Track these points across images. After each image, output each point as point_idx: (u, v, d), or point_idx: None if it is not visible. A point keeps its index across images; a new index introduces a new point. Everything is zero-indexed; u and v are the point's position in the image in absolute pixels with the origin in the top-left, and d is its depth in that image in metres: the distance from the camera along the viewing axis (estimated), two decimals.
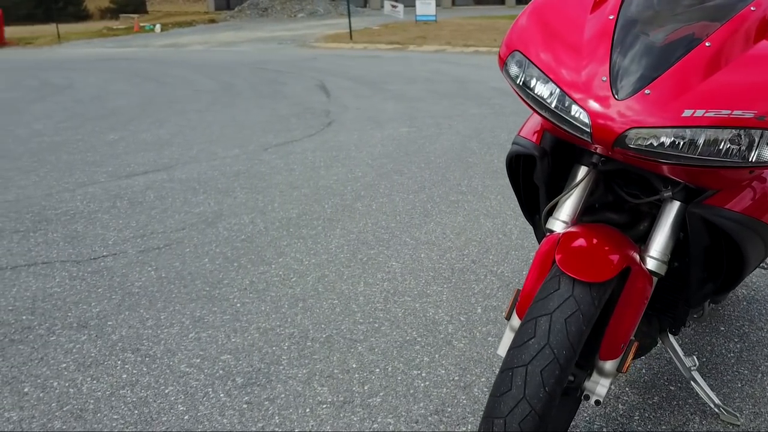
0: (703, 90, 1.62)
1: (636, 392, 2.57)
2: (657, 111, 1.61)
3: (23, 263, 3.82)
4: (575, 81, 1.70)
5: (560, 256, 1.80)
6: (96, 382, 2.65)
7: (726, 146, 1.62)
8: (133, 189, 5.24)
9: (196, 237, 4.19)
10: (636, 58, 1.69)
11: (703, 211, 1.80)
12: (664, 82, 1.64)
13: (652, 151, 1.65)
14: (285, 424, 2.39)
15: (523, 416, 1.69)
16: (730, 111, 1.58)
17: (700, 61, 1.66)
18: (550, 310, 1.74)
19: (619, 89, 1.66)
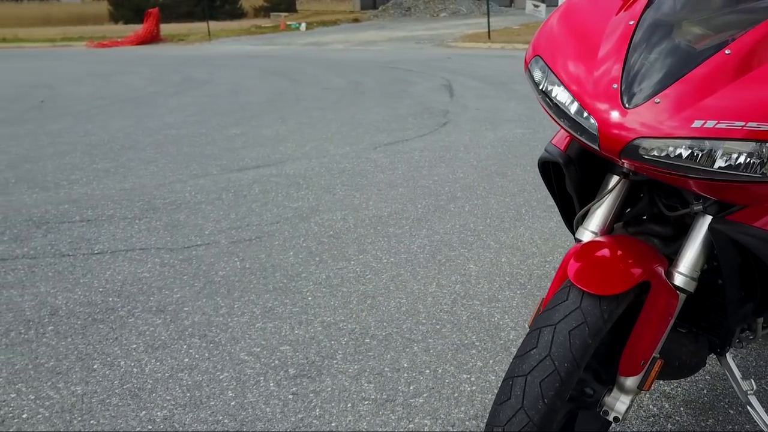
0: (717, 100, 1.55)
1: (691, 413, 2.47)
2: (666, 121, 1.56)
3: (123, 248, 4.06)
4: (587, 88, 1.67)
5: (573, 266, 1.76)
6: (159, 363, 2.79)
7: (742, 159, 1.55)
8: (241, 182, 5.45)
9: (287, 231, 4.32)
10: (650, 66, 1.63)
11: (725, 228, 1.72)
12: (677, 90, 1.58)
13: (664, 162, 1.59)
14: (324, 417, 2.44)
15: (521, 426, 1.68)
16: (744, 123, 1.51)
17: (718, 69, 1.58)
18: (555, 321, 1.71)
19: (629, 97, 1.61)
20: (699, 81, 1.58)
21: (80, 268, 3.76)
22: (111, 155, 6.44)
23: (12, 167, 6.01)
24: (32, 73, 14.35)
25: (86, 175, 5.74)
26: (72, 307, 3.29)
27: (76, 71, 14.73)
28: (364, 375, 2.70)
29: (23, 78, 13.47)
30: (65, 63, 17.15)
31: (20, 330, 3.08)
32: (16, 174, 5.77)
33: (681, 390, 2.60)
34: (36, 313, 3.24)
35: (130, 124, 8.03)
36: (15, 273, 3.71)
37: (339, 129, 7.56)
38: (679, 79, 1.59)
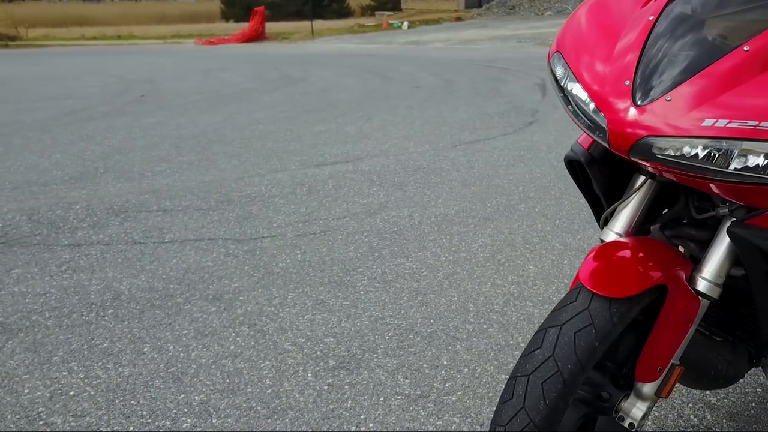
0: (731, 98, 1.48)
1: (733, 425, 2.38)
2: (676, 119, 1.51)
3: (192, 238, 4.19)
4: (601, 85, 1.63)
5: (586, 267, 1.73)
6: (206, 350, 2.88)
7: (759, 161, 1.48)
8: (317, 178, 5.53)
9: (352, 226, 4.36)
10: (665, 62, 1.58)
11: (744, 232, 1.65)
12: (689, 87, 1.52)
13: (679, 162, 1.54)
14: (354, 409, 2.47)
15: (522, 427, 1.66)
16: (757, 122, 1.44)
17: (735, 66, 1.52)
18: (561, 321, 1.68)
19: (641, 95, 1.56)
20: (714, 78, 1.52)
21: (148, 256, 3.90)
22: (198, 148, 6.64)
23: (103, 158, 6.28)
24: (139, 69, 14.93)
25: (171, 166, 5.93)
26: (134, 293, 3.42)
27: (179, 67, 15.24)
28: (401, 370, 2.71)
29: (130, 73, 14.02)
30: (171, 59, 17.77)
31: (82, 312, 3.22)
32: (106, 164, 6.03)
33: (727, 401, 2.50)
34: (99, 297, 3.38)
35: (220, 119, 8.26)
36: (87, 258, 3.88)
37: (422, 127, 7.57)
38: (693, 76, 1.53)
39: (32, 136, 7.31)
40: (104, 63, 16.97)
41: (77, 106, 9.46)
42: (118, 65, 16.14)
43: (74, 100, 10.08)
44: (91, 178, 5.61)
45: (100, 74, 13.94)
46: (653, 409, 2.30)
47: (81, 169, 5.89)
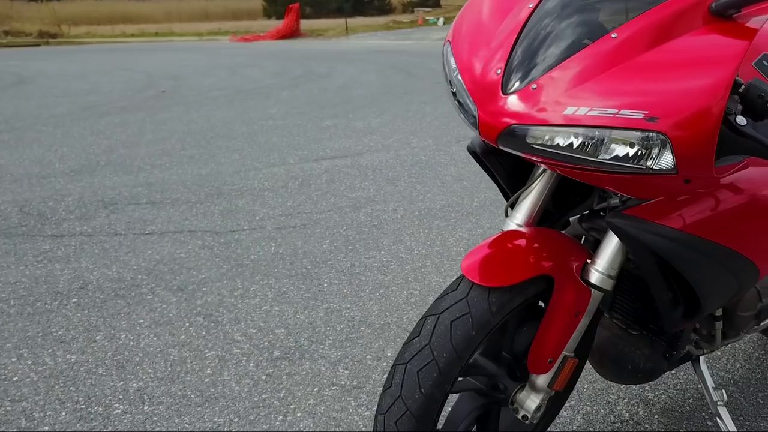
0: (593, 86, 1.46)
1: (664, 421, 2.34)
2: (540, 107, 1.49)
3: (173, 230, 4.23)
4: (475, 75, 1.62)
5: (470, 257, 1.71)
6: (156, 339, 2.91)
7: (626, 150, 1.46)
8: (312, 172, 5.55)
9: (334, 219, 4.37)
10: (534, 50, 1.56)
11: (621, 222, 1.62)
12: (555, 75, 1.50)
13: (551, 152, 1.52)
14: (287, 398, 2.48)
15: (399, 415, 1.66)
16: (616, 110, 1.42)
17: (600, 54, 1.50)
18: (440, 310, 1.67)
19: (509, 83, 1.55)
20: (579, 66, 1.50)
21: (125, 247, 3.95)
22: (202, 143, 6.70)
23: (108, 152, 6.37)
24: (169, 66, 15.10)
25: (171, 160, 6.00)
26: (101, 283, 3.47)
27: (208, 64, 15.38)
28: (344, 361, 2.71)
29: (158, 69, 14.19)
30: (203, 56, 17.94)
31: (46, 301, 3.28)
32: (108, 158, 6.11)
33: (665, 397, 2.46)
34: (67, 286, 3.44)
35: (233, 114, 8.32)
36: (66, 249, 3.95)
37: (431, 122, 7.55)
38: (560, 64, 1.51)
39: (45, 130, 7.45)
40: (136, 59, 17.20)
41: (97, 101, 9.60)
42: (150, 62, 16.34)
43: (96, 95, 10.24)
44: (90, 171, 5.70)
45: (128, 70, 14.13)
46: (586, 404, 2.29)
47: (83, 162, 5.98)
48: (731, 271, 1.71)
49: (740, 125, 1.50)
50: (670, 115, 1.38)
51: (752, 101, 1.52)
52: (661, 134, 1.39)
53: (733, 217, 1.64)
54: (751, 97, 1.52)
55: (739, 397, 2.47)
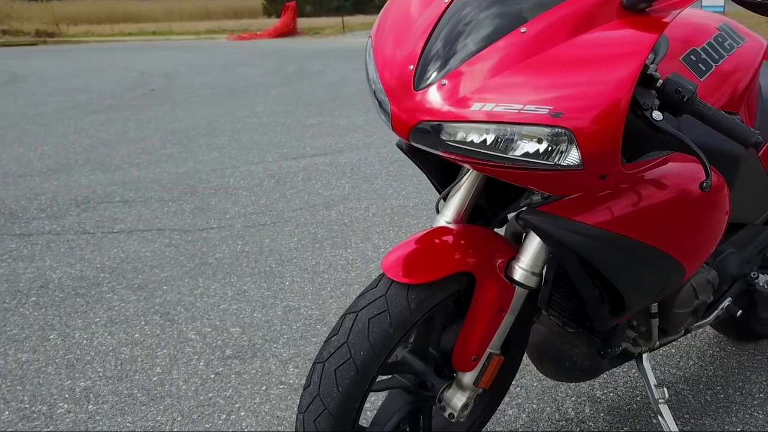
0: (500, 81, 1.44)
1: (609, 419, 2.33)
2: (449, 103, 1.47)
3: (141, 228, 4.22)
4: (390, 71, 1.60)
5: (392, 254, 1.70)
6: (110, 337, 2.90)
7: (536, 147, 1.44)
8: (289, 170, 5.54)
9: (305, 217, 4.36)
10: (446, 46, 1.54)
11: (534, 218, 1.60)
12: (464, 71, 1.48)
13: (466, 149, 1.50)
14: (233, 397, 2.47)
15: (317, 414, 1.65)
16: (522, 106, 1.40)
17: (508, 49, 1.48)
18: (359, 308, 1.66)
19: (421, 79, 1.53)
20: (488, 61, 1.48)
21: (92, 246, 3.94)
22: (184, 141, 6.69)
23: (88, 150, 6.36)
24: (163, 64, 15.08)
25: (150, 159, 5.99)
26: (63, 281, 3.46)
27: (203, 62, 15.36)
28: (295, 360, 2.70)
29: (152, 68, 14.17)
30: (199, 55, 17.93)
31: (5, 299, 3.27)
32: (88, 156, 6.10)
33: (613, 395, 2.45)
34: (28, 285, 3.43)
35: (219, 112, 8.31)
36: (32, 247, 3.94)
37: None
38: (469, 59, 1.50)
39: (29, 129, 7.44)
40: (131, 58, 17.20)
41: (86, 100, 9.60)
42: (144, 60, 16.34)
43: (86, 94, 10.23)
44: (68, 170, 5.69)
45: (122, 69, 14.13)
46: (533, 402, 2.28)
47: (62, 161, 5.98)
48: (654, 268, 1.69)
49: (656, 120, 1.48)
50: (573, 111, 1.37)
51: (669, 96, 1.51)
52: (566, 130, 1.38)
53: (655, 214, 1.63)
54: (668, 93, 1.51)
55: (688, 394, 2.45)
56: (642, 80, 1.51)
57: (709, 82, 1.77)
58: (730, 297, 2.24)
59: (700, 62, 1.78)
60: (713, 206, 1.73)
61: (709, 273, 2.02)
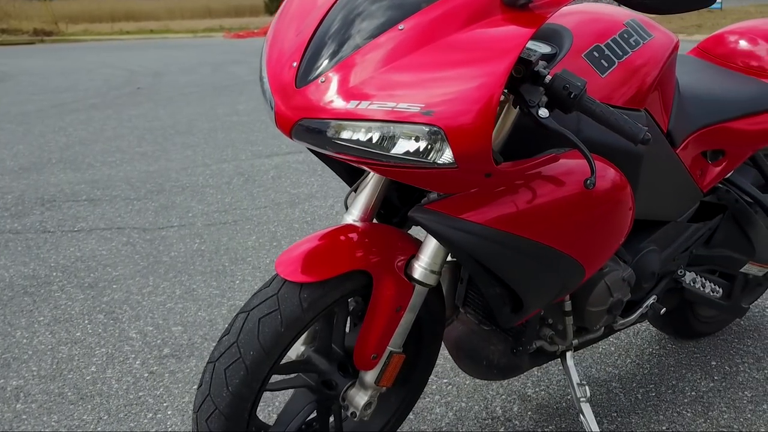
0: (376, 79, 1.43)
1: (536, 418, 2.32)
2: (326, 101, 1.46)
3: (102, 227, 4.22)
4: (277, 68, 1.59)
5: (287, 252, 1.69)
6: (50, 336, 2.89)
7: (408, 145, 1.43)
8: (261, 168, 5.53)
9: (267, 215, 4.35)
10: (326, 43, 1.53)
11: (422, 216, 1.59)
12: (342, 69, 1.47)
13: (350, 147, 1.49)
14: (162, 396, 2.46)
15: (209, 414, 1.64)
16: (395, 103, 1.39)
17: (387, 46, 1.47)
18: (250, 307, 1.65)
19: (302, 77, 1.52)
20: (366, 58, 1.47)
21: (50, 244, 3.93)
22: (160, 140, 6.69)
23: (63, 149, 6.36)
24: (155, 62, 15.06)
25: (123, 157, 5.99)
26: (14, 280, 3.46)
27: (195, 61, 15.35)
28: None
29: (142, 66, 14.16)
30: (192, 53, 17.92)
31: None
32: (62, 155, 6.10)
33: (544, 393, 2.44)
34: None
35: (201, 111, 8.30)
36: None
37: None
38: (348, 56, 1.49)
39: (8, 128, 7.44)
40: (124, 57, 17.19)
41: (70, 98, 9.60)
42: (137, 59, 16.33)
43: (72, 92, 10.23)
44: (39, 168, 5.69)
45: (112, 67, 14.12)
46: (462, 400, 2.27)
47: (35, 159, 5.97)
48: (549, 267, 1.68)
49: (541, 117, 1.47)
50: (444, 109, 1.36)
51: (557, 93, 1.50)
52: (436, 128, 1.36)
53: (547, 213, 1.61)
54: (556, 90, 1.50)
55: (620, 392, 2.44)
56: (530, 77, 1.51)
57: (612, 79, 1.75)
58: (655, 295, 2.22)
59: (603, 58, 1.77)
60: (613, 204, 1.72)
61: (624, 271, 2.01)
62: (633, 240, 2.11)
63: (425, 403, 2.39)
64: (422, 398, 2.42)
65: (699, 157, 2.16)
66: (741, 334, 2.81)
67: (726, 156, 2.21)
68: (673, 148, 2.02)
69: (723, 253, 2.37)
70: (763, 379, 2.50)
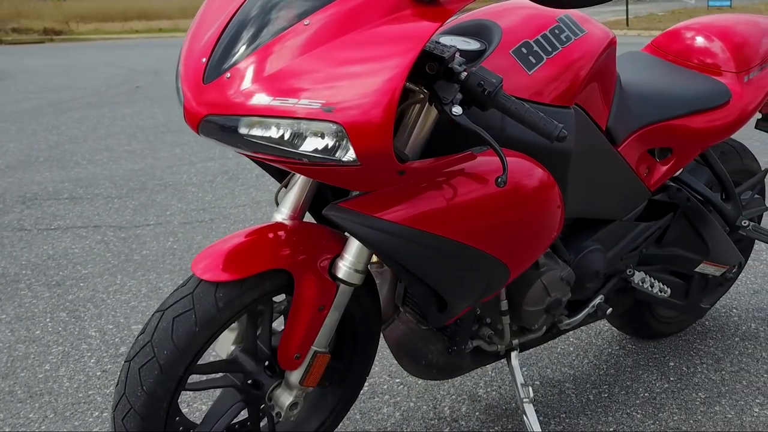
0: (279, 75, 1.41)
1: (483, 418, 2.30)
2: (231, 97, 1.44)
3: (79, 225, 4.22)
4: (187, 64, 1.57)
5: (206, 251, 1.68)
6: (10, 334, 2.89)
7: (316, 142, 1.41)
8: (246, 166, 5.52)
9: (245, 213, 4.34)
10: (234, 38, 1.51)
11: (335, 214, 1.57)
12: (247, 64, 1.46)
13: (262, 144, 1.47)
14: (112, 395, 2.45)
15: (125, 413, 1.63)
16: (297, 100, 1.38)
17: (292, 41, 1.45)
18: (166, 306, 1.64)
19: (210, 73, 1.50)
20: (271, 54, 1.45)
21: (24, 242, 3.94)
22: (150, 138, 6.69)
23: (53, 147, 6.37)
24: (156, 61, 15.06)
25: (111, 155, 5.99)
26: None
27: None
28: None
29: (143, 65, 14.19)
30: None
31: None
32: (51, 154, 6.11)
33: (495, 394, 2.42)
34: None
35: None
36: None
37: None
38: (254, 52, 1.47)
39: (2, 126, 7.48)
40: (128, 55, 17.24)
41: (67, 97, 9.62)
42: (140, 57, 16.36)
43: (70, 91, 10.26)
44: (27, 167, 5.70)
45: (114, 66, 14.17)
46: (411, 400, 2.25)
47: (23, 158, 5.99)
48: (469, 267, 1.66)
49: (455, 115, 1.45)
50: (344, 105, 1.34)
51: (472, 90, 1.48)
52: (337, 125, 1.34)
53: (465, 211, 1.59)
54: (470, 87, 1.48)
55: (572, 393, 2.42)
56: (444, 74, 1.49)
57: (539, 75, 1.73)
58: (602, 295, 2.20)
59: (531, 55, 1.74)
60: (538, 203, 1.70)
61: (563, 270, 1.98)
62: (575, 239, 2.08)
63: (374, 403, 2.37)
64: (372, 398, 2.40)
65: (646, 155, 2.13)
66: (704, 335, 2.77)
67: (674, 154, 2.18)
68: (614, 145, 1.99)
69: (675, 253, 2.34)
70: (719, 381, 2.46)
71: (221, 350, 1.84)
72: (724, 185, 2.34)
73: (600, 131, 1.93)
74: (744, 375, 2.49)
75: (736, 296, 3.06)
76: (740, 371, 2.52)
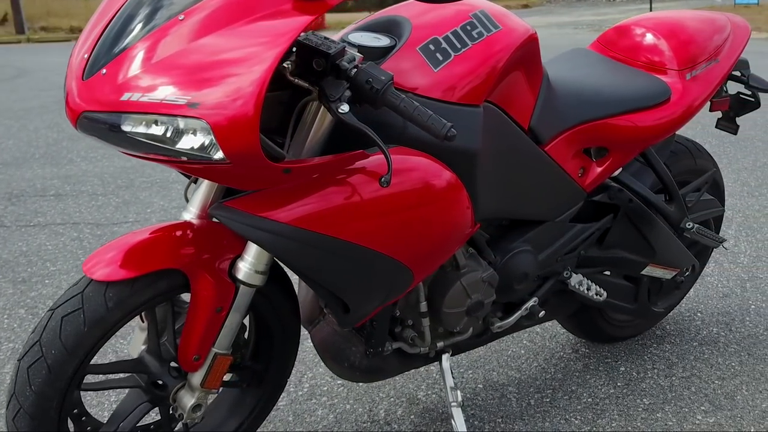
0: (150, 70, 1.39)
1: (417, 422, 2.27)
2: (105, 94, 1.43)
3: (58, 222, 4.24)
4: (72, 60, 1.56)
5: (101, 250, 1.66)
6: None
7: (191, 140, 1.39)
8: None
9: None
10: (113, 35, 1.49)
11: (219, 213, 1.55)
12: (122, 60, 1.44)
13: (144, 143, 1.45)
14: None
15: (14, 413, 1.63)
16: (164, 95, 1.35)
17: (166, 36, 1.43)
18: (56, 305, 1.62)
19: (90, 68, 1.48)
20: (145, 49, 1.44)
21: (0, 239, 3.95)
22: None
23: (50, 144, 6.40)
24: None
25: (105, 153, 6.00)
26: None
27: None
28: None
29: None
30: None
31: None
32: (46, 150, 6.14)
33: (435, 397, 2.38)
34: None
35: None
36: None
37: None
38: (129, 47, 1.45)
39: (6, 123, 7.52)
40: None
41: None
42: None
43: None
44: (20, 163, 5.73)
45: None
46: (348, 402, 2.22)
47: (19, 155, 6.02)
48: (367, 269, 1.63)
49: (341, 113, 1.42)
50: (210, 101, 1.32)
51: (360, 88, 1.45)
52: (201, 121, 1.32)
53: (357, 212, 1.56)
54: (359, 84, 1.45)
55: (513, 397, 2.37)
56: (332, 70, 1.46)
57: (445, 73, 1.69)
58: (536, 297, 2.15)
59: (439, 52, 1.70)
60: (441, 204, 1.66)
61: (485, 272, 1.94)
62: (502, 240, 2.04)
63: (310, 405, 2.35)
64: (309, 399, 2.37)
65: (580, 154, 2.08)
66: (662, 339, 2.72)
67: (610, 154, 2.13)
68: (540, 145, 1.94)
69: (618, 255, 2.29)
70: (667, 387, 2.40)
71: (133, 350, 1.83)
72: (666, 186, 2.28)
73: (521, 130, 1.88)
74: (694, 381, 2.43)
75: (704, 299, 2.99)
76: (691, 377, 2.45)
